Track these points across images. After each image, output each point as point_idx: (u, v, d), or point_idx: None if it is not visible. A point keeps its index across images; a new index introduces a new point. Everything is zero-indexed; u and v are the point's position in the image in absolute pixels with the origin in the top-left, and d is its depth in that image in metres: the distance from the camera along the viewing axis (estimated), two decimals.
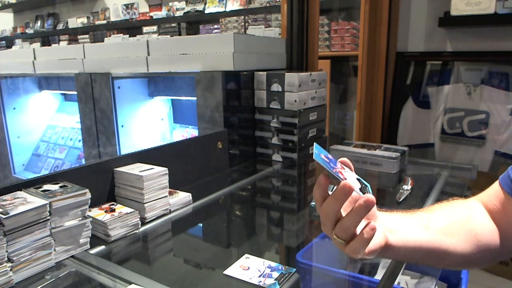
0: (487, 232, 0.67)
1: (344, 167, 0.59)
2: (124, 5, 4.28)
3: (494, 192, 0.70)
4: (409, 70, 2.24)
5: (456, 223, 0.66)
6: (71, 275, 0.78)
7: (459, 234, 0.65)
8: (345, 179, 0.55)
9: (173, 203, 1.08)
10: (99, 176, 1.03)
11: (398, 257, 0.64)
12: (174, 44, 1.69)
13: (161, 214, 1.04)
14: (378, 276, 1.08)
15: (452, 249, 0.64)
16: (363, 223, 0.56)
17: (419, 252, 0.63)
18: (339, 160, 0.60)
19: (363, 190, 0.57)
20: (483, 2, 1.82)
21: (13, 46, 3.90)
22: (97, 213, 0.93)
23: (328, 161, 0.56)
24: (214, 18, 3.62)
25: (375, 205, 0.60)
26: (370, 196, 0.53)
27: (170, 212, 1.07)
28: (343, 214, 0.56)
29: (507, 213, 0.67)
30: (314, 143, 0.58)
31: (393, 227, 0.62)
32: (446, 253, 0.64)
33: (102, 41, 2.52)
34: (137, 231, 0.96)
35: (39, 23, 5.30)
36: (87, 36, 4.67)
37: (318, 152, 0.55)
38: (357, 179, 0.58)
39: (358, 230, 0.56)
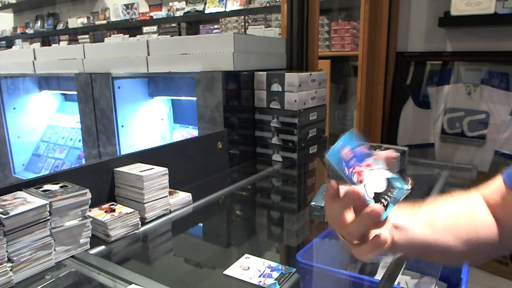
0: (488, 228, 0.68)
1: (378, 163, 0.56)
2: (124, 5, 4.28)
3: (496, 187, 0.71)
4: (409, 70, 2.24)
5: (460, 221, 0.67)
6: (71, 275, 0.78)
7: (463, 232, 0.66)
8: (359, 182, 0.54)
9: (173, 203, 1.08)
10: (99, 176, 1.03)
11: (401, 252, 0.65)
12: (174, 44, 1.69)
13: (161, 214, 1.04)
14: (378, 276, 1.08)
15: (454, 248, 0.65)
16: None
17: (422, 250, 0.64)
18: (386, 154, 0.56)
19: (382, 195, 0.55)
20: (483, 2, 1.82)
21: (13, 46, 3.91)
22: (97, 213, 0.93)
23: (349, 159, 0.54)
24: (214, 18, 3.62)
25: None
26: (376, 207, 0.54)
27: (170, 212, 1.07)
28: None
29: (508, 208, 0.68)
30: (349, 132, 0.53)
31: (399, 224, 0.63)
32: (449, 251, 0.65)
33: (102, 41, 2.52)
34: (137, 231, 0.96)
35: (39, 23, 5.30)
36: (87, 36, 4.67)
37: (337, 149, 0.52)
38: (388, 179, 0.56)
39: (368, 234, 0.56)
